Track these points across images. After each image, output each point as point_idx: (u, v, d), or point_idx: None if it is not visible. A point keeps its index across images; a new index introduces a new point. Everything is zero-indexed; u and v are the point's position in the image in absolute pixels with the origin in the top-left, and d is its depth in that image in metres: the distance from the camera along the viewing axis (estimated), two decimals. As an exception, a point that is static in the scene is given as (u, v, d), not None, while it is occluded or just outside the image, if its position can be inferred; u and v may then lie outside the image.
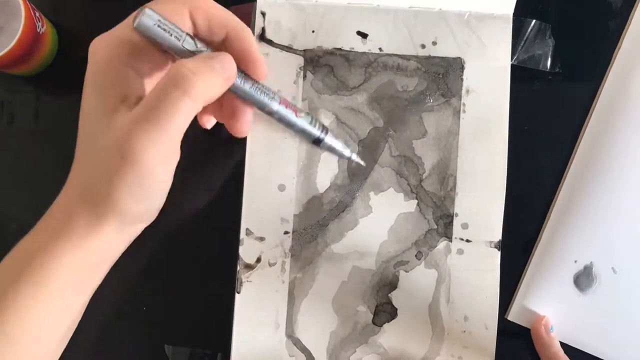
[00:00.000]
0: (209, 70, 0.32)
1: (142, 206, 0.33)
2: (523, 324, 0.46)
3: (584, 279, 0.46)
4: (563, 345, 0.45)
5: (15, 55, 0.43)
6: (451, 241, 0.46)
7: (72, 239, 0.32)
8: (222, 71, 0.33)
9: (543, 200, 0.47)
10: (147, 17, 0.32)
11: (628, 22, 0.47)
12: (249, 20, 0.46)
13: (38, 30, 0.44)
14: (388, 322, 0.46)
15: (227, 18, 0.34)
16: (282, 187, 0.46)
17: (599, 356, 0.46)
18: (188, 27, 0.33)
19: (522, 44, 0.47)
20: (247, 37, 0.35)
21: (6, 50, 0.42)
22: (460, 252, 0.46)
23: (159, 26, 0.32)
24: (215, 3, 0.34)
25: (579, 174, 0.46)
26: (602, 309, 0.46)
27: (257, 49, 0.35)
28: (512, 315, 0.46)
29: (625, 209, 0.46)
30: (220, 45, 0.35)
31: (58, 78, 0.48)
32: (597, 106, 0.46)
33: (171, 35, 0.32)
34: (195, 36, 0.34)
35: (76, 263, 0.32)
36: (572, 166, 0.46)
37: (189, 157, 0.47)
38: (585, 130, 0.46)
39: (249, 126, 0.39)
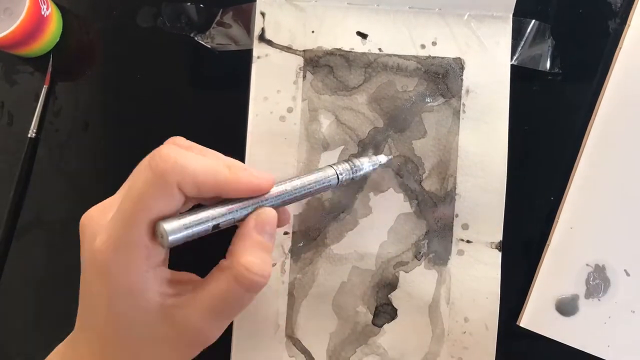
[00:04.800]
0: (268, 256, 0.33)
1: None
2: (536, 331, 0.46)
3: (596, 282, 0.45)
4: (573, 349, 0.45)
5: (17, 37, 0.43)
6: (451, 242, 0.46)
7: None
8: (274, 238, 0.33)
9: (544, 200, 0.47)
10: (172, 233, 0.30)
11: (628, 22, 0.47)
12: (248, 20, 0.46)
13: (43, 13, 0.44)
14: (388, 322, 0.46)
15: (214, 174, 0.31)
16: (281, 188, 0.46)
17: (611, 360, 0.46)
18: (179, 199, 0.31)
19: (521, 44, 0.47)
20: (240, 177, 0.32)
21: (8, 31, 0.42)
22: (460, 252, 0.46)
23: (186, 230, 0.31)
24: (198, 161, 0.31)
25: (587, 175, 0.46)
26: (616, 312, 0.45)
27: (251, 173, 0.33)
28: (525, 322, 0.46)
29: (637, 210, 0.46)
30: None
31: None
32: (601, 106, 0.46)
33: (200, 226, 0.31)
34: (188, 200, 0.32)
35: None
36: (578, 167, 0.46)
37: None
38: (590, 130, 0.46)
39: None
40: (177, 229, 0.30)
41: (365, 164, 0.41)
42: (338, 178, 0.39)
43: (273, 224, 0.33)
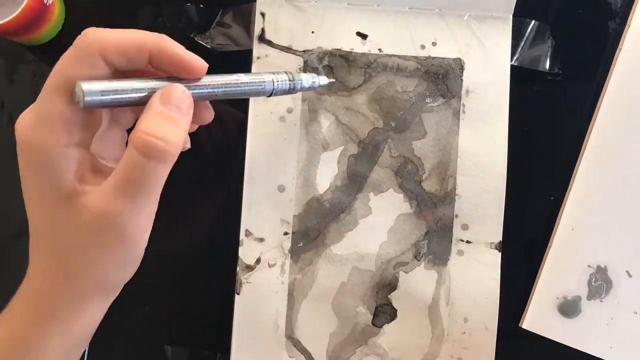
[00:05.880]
0: (173, 126, 0.30)
1: (127, 272, 0.33)
2: (538, 332, 0.46)
3: (598, 283, 0.45)
4: (576, 351, 0.45)
5: (19, 24, 0.43)
6: (451, 242, 0.46)
7: (58, 325, 0.31)
8: (184, 115, 0.31)
9: (544, 200, 0.47)
10: (89, 93, 0.28)
11: (628, 22, 0.47)
12: (248, 21, 0.46)
13: (45, 1, 0.44)
14: (388, 323, 0.46)
15: (139, 40, 0.30)
16: (281, 188, 0.46)
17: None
18: (104, 69, 0.30)
19: (521, 45, 0.46)
20: (168, 45, 0.31)
21: (9, 18, 0.42)
22: (460, 253, 0.46)
23: (103, 95, 0.29)
24: (121, 30, 0.30)
25: (588, 176, 0.46)
26: (618, 313, 0.45)
27: (183, 49, 0.31)
28: (527, 324, 0.46)
29: (638, 211, 0.45)
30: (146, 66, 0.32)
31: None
32: (602, 107, 0.46)
33: (120, 95, 0.30)
34: (115, 72, 0.31)
35: (64, 346, 0.32)
36: (579, 168, 0.46)
37: (188, 157, 0.48)
38: (591, 131, 0.46)
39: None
40: (96, 90, 0.29)
41: (305, 79, 0.38)
42: (273, 83, 0.36)
43: (181, 98, 0.30)
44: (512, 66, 0.46)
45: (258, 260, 0.46)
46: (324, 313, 0.46)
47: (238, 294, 0.45)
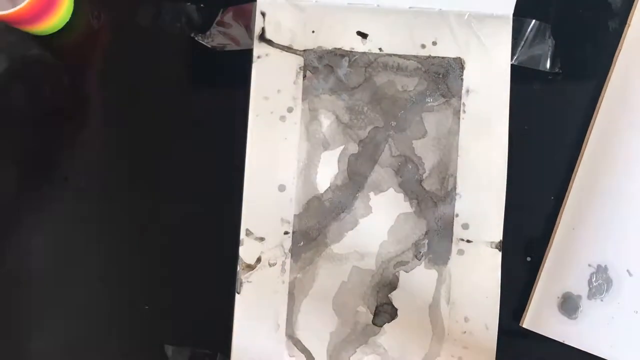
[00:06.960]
0: None
1: None
2: (539, 332, 0.46)
3: (599, 282, 0.45)
4: (577, 350, 0.45)
5: (28, 14, 0.43)
6: (451, 241, 0.46)
7: None
8: None
9: (544, 200, 0.47)
10: None
11: (628, 22, 0.47)
12: (248, 20, 0.47)
13: None
14: (388, 322, 0.46)
15: None
16: (282, 188, 0.46)
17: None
18: None
19: (522, 44, 0.47)
20: None
21: (19, 7, 0.42)
22: (460, 252, 0.46)
23: None
24: None
25: (588, 176, 0.46)
26: (619, 312, 0.45)
27: None
28: (527, 323, 0.46)
29: (638, 210, 0.45)
30: None
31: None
32: (602, 106, 0.46)
33: None
34: None
35: None
36: (579, 168, 0.46)
37: (188, 157, 0.48)
38: (591, 130, 0.46)
39: None
40: None
41: None
42: None
43: None
44: (512, 65, 0.46)
45: (258, 260, 0.46)
46: (324, 312, 0.46)
47: (238, 293, 0.45)
